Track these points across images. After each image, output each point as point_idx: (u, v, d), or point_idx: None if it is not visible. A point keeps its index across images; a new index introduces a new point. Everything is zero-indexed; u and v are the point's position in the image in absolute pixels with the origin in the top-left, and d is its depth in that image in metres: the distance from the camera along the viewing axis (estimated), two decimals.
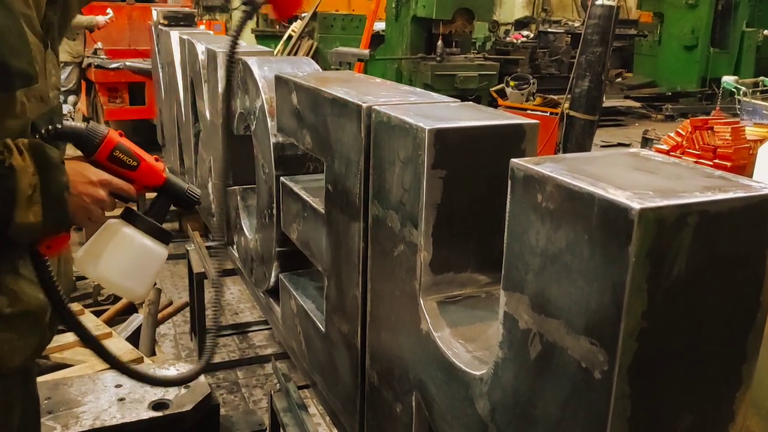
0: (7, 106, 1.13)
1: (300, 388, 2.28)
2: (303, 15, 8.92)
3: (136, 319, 3.21)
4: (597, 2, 6.01)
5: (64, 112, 7.16)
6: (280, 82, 2.05)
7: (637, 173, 0.99)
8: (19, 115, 1.15)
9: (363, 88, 1.76)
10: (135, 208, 1.35)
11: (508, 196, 1.06)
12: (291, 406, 2.21)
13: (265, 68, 2.39)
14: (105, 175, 1.23)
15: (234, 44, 1.50)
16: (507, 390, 1.11)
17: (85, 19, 7.13)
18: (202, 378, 2.46)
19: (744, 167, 5.12)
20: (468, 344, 1.30)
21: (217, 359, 3.67)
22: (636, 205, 0.84)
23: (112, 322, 3.24)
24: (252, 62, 2.43)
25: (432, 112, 1.46)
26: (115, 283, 1.33)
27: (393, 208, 1.46)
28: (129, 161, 1.26)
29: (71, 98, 7.45)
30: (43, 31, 1.20)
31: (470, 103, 1.64)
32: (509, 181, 1.05)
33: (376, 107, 1.51)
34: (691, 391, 0.97)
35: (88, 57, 7.57)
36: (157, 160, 1.31)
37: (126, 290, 1.37)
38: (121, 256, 1.30)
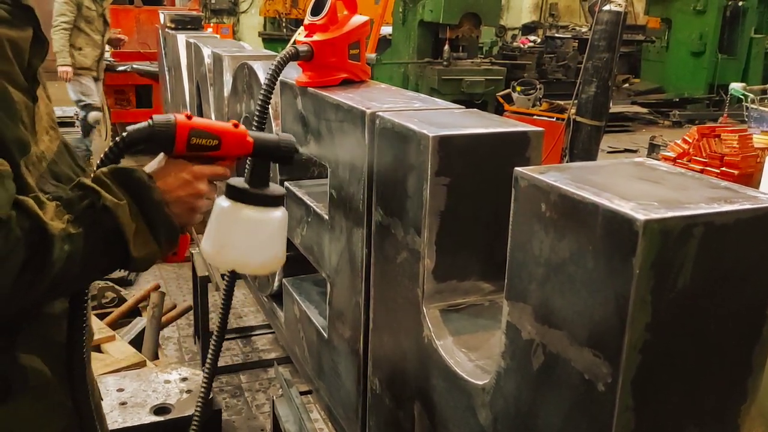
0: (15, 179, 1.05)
1: (302, 393, 2.28)
2: None
3: (140, 323, 3.21)
4: (604, 8, 6.00)
5: (91, 121, 6.68)
6: (285, 86, 2.05)
7: (641, 183, 0.98)
8: (23, 187, 1.06)
9: (367, 93, 1.75)
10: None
11: (512, 205, 1.05)
12: (293, 412, 2.20)
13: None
14: (196, 168, 1.17)
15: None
16: (509, 400, 1.10)
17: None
18: None
19: (751, 176, 5.09)
20: (470, 353, 1.29)
21: (219, 363, 3.67)
22: (641, 216, 0.83)
23: (115, 325, 3.24)
24: (257, 67, 2.42)
25: (436, 118, 1.46)
26: (248, 265, 1.29)
27: (396, 214, 1.45)
28: (210, 142, 1.17)
29: (93, 114, 6.58)
30: (29, 81, 1.11)
31: (475, 109, 1.64)
32: (513, 190, 1.04)
33: (380, 113, 1.50)
34: (696, 404, 0.95)
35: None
36: (236, 125, 1.21)
37: (262, 268, 1.35)
38: (244, 238, 1.24)
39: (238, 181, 1.24)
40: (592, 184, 0.94)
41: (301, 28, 1.85)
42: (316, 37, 1.77)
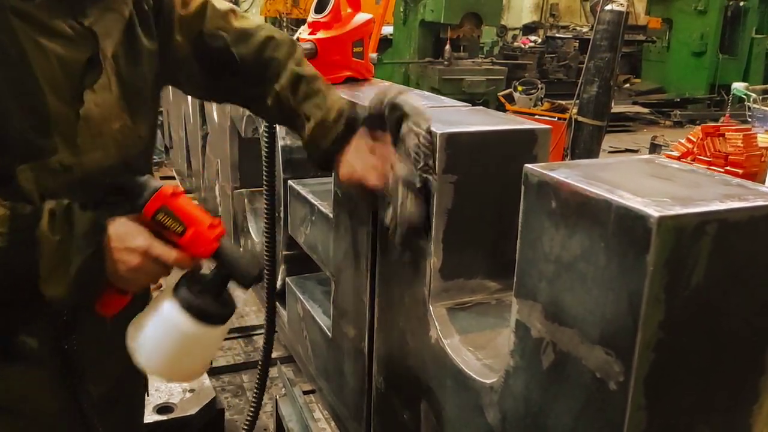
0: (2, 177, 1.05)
1: (305, 393, 2.27)
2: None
3: None
4: (606, 8, 5.99)
5: None
6: None
7: (653, 180, 0.97)
8: (14, 189, 1.07)
9: (372, 91, 1.74)
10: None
11: (521, 202, 1.04)
12: (296, 411, 2.19)
13: None
14: (143, 243, 1.10)
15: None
16: (518, 399, 1.09)
17: None
18: (207, 382, 2.46)
19: (756, 174, 5.08)
20: (478, 352, 1.28)
21: (221, 362, 3.66)
22: (654, 212, 0.82)
23: None
24: None
25: (443, 116, 1.45)
26: (145, 366, 1.17)
27: None
28: (174, 226, 1.11)
29: None
30: (75, 99, 1.13)
31: (481, 107, 1.63)
32: (522, 187, 1.03)
33: None
34: (708, 403, 0.94)
35: None
36: (212, 226, 1.13)
37: (160, 375, 1.23)
38: (157, 338, 1.14)
39: (190, 279, 1.16)
40: (603, 181, 0.93)
41: (305, 25, 1.85)
42: (320, 35, 1.77)
